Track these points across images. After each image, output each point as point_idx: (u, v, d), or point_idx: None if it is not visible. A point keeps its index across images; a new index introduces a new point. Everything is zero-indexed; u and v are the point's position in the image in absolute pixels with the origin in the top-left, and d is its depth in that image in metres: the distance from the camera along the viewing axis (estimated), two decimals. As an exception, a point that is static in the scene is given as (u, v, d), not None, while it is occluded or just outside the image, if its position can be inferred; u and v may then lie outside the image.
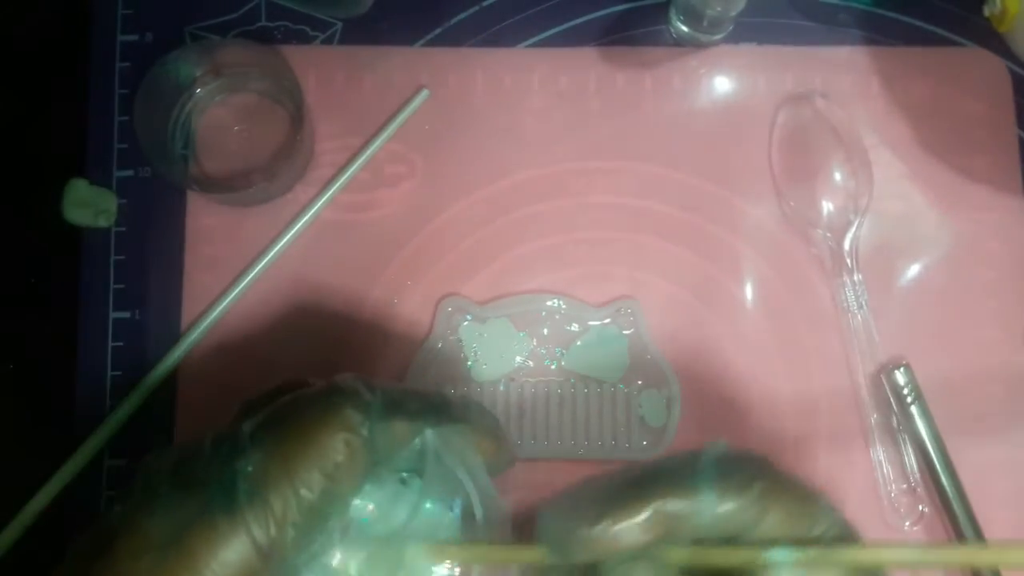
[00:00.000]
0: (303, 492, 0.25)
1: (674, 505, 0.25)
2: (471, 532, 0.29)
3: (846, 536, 0.25)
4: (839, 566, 0.24)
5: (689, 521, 0.25)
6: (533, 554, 0.26)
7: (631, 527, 0.25)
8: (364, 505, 0.28)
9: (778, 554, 0.24)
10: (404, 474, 0.29)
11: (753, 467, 0.26)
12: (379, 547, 0.27)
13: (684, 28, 0.42)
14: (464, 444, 0.29)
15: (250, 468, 0.25)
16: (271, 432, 0.26)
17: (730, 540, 0.25)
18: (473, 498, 0.28)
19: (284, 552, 0.25)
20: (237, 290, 0.41)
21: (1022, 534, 0.39)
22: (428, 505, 0.29)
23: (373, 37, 0.44)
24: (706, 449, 0.26)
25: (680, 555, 0.25)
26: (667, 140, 0.43)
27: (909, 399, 0.39)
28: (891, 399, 0.40)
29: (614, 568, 0.25)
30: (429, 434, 0.28)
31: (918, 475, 0.39)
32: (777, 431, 0.40)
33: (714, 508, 0.24)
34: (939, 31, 0.44)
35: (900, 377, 0.39)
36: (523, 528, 0.28)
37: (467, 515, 0.29)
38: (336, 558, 0.27)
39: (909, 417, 0.39)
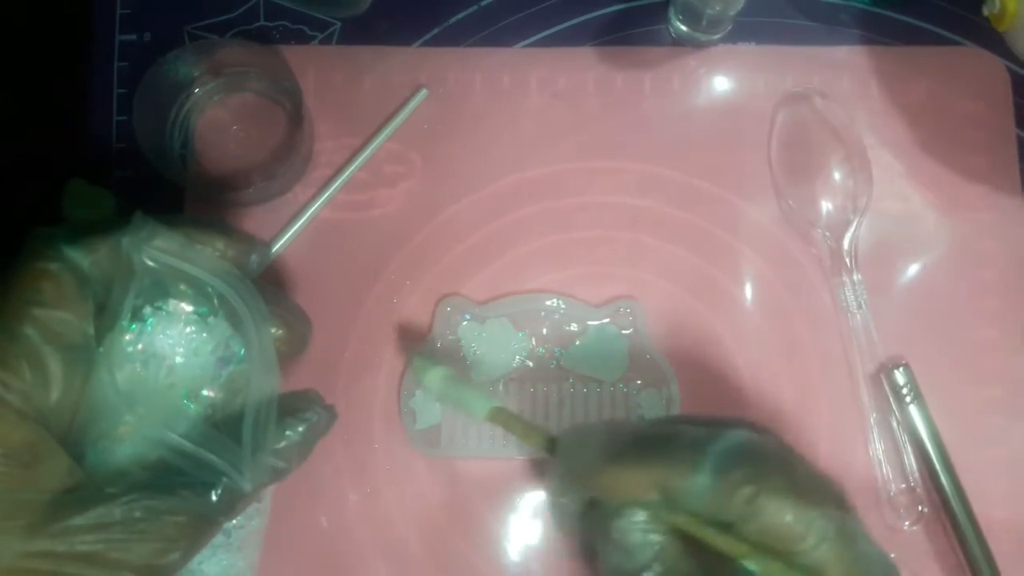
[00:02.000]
0: (17, 328, 0.25)
1: (670, 481, 0.26)
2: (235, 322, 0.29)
3: (839, 549, 0.25)
4: None
5: (681, 497, 0.26)
6: (540, 444, 0.31)
7: (627, 483, 0.26)
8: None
9: (748, 563, 0.25)
10: (200, 310, 0.29)
11: (760, 465, 0.26)
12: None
13: (683, 28, 0.42)
14: (179, 240, 0.29)
15: None
16: None
17: (721, 525, 0.26)
18: (213, 283, 0.28)
19: (26, 393, 0.25)
20: (236, 290, 0.41)
21: (1021, 533, 0.39)
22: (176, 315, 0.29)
23: (372, 37, 0.44)
24: (724, 432, 0.27)
25: (676, 519, 0.26)
26: (666, 140, 0.43)
27: (908, 399, 0.39)
28: (890, 398, 0.40)
29: (616, 508, 0.26)
30: (125, 241, 0.28)
31: (917, 475, 0.39)
32: (776, 431, 0.40)
33: (705, 494, 0.25)
34: (938, 31, 0.44)
35: (899, 377, 0.39)
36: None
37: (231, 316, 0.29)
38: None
39: (908, 416, 0.39)
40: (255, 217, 0.42)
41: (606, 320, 0.41)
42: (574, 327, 0.41)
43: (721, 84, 0.43)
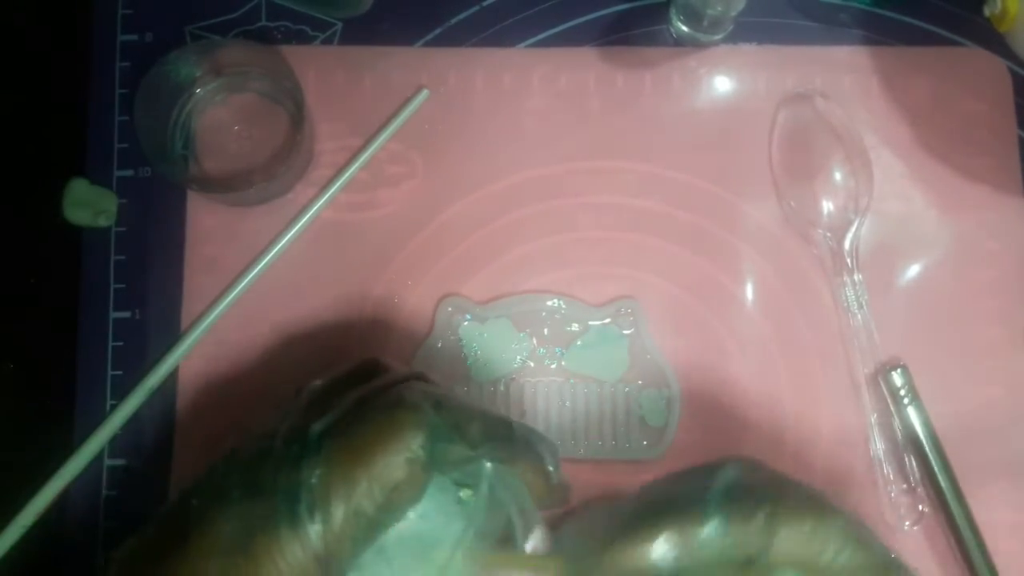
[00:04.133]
0: (362, 507, 0.26)
1: (684, 534, 0.26)
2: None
3: (861, 551, 0.26)
4: None
5: (701, 548, 0.26)
6: (551, 567, 0.27)
7: (645, 552, 0.26)
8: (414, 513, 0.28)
9: None
10: (462, 492, 0.29)
11: (761, 492, 0.26)
12: (417, 550, 0.28)
13: (684, 28, 0.42)
14: (519, 481, 0.29)
15: (314, 480, 0.26)
16: (336, 442, 0.27)
17: (746, 561, 0.26)
18: (519, 535, 0.28)
19: (340, 561, 0.26)
20: (237, 290, 0.41)
21: (1020, 534, 0.39)
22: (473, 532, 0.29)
23: (373, 37, 0.44)
24: (717, 474, 0.27)
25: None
26: (667, 140, 0.43)
27: (906, 400, 0.39)
28: (888, 399, 0.40)
29: None
30: (488, 468, 0.28)
31: (918, 475, 0.39)
32: (777, 431, 0.40)
33: (722, 535, 0.25)
34: (939, 31, 0.44)
35: (897, 378, 0.39)
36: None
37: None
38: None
39: (906, 418, 0.39)
40: (256, 217, 0.42)
41: (607, 320, 0.41)
42: (575, 327, 0.41)
43: (722, 84, 0.43)
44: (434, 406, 0.28)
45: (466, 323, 0.41)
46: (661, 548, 0.26)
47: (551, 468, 0.30)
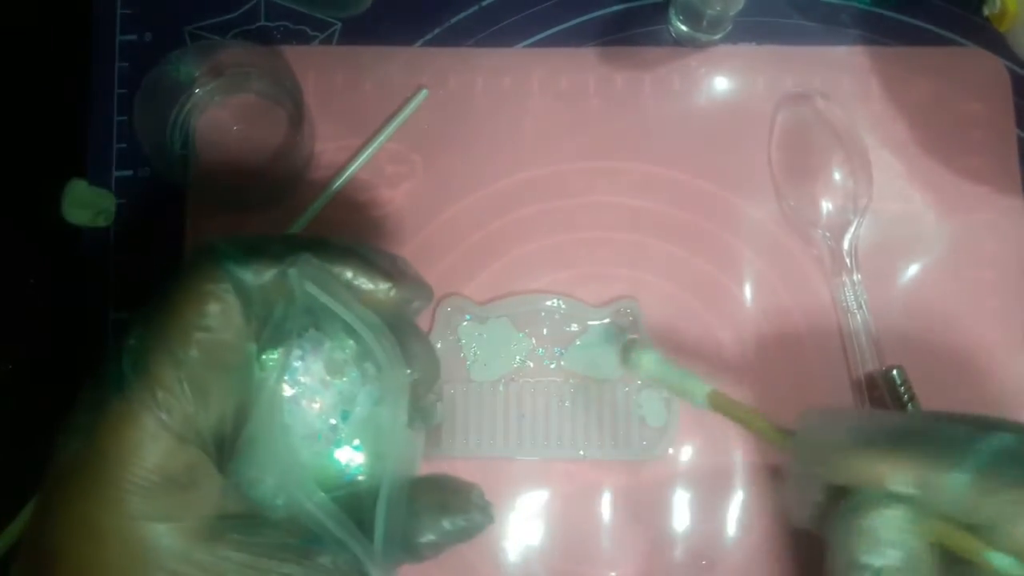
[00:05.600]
0: (182, 352, 0.25)
1: (928, 476, 0.24)
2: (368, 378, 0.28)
3: None
4: None
5: (937, 496, 0.24)
6: (783, 440, 0.29)
7: (882, 472, 0.25)
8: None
9: (998, 559, 0.24)
10: (345, 355, 0.28)
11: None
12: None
13: (683, 28, 0.42)
14: (340, 281, 0.28)
15: (132, 342, 0.25)
16: (148, 306, 0.26)
17: (969, 527, 0.25)
18: (366, 337, 0.27)
19: (188, 416, 0.24)
20: (237, 290, 0.41)
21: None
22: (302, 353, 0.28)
23: (373, 37, 0.44)
24: (991, 435, 0.25)
25: (931, 523, 0.25)
26: (667, 140, 0.43)
27: (904, 399, 0.39)
28: (888, 400, 0.40)
29: (869, 500, 0.25)
30: (292, 273, 0.26)
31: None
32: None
33: (961, 497, 0.24)
34: (939, 31, 0.44)
35: (895, 379, 0.39)
36: None
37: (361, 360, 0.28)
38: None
39: (908, 417, 0.39)
40: (256, 217, 0.42)
41: (606, 320, 0.41)
42: (574, 327, 0.41)
43: (721, 84, 0.43)
44: (225, 239, 0.27)
45: (465, 323, 0.41)
46: (898, 474, 0.24)
47: (387, 269, 0.29)
